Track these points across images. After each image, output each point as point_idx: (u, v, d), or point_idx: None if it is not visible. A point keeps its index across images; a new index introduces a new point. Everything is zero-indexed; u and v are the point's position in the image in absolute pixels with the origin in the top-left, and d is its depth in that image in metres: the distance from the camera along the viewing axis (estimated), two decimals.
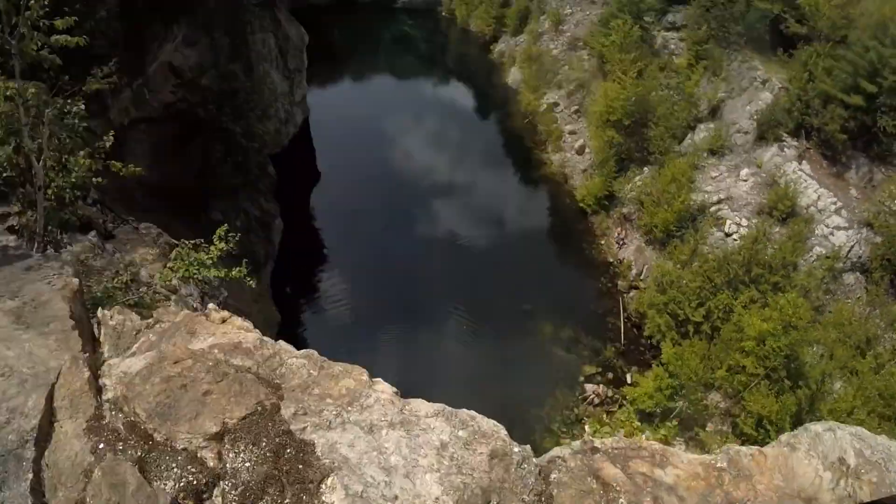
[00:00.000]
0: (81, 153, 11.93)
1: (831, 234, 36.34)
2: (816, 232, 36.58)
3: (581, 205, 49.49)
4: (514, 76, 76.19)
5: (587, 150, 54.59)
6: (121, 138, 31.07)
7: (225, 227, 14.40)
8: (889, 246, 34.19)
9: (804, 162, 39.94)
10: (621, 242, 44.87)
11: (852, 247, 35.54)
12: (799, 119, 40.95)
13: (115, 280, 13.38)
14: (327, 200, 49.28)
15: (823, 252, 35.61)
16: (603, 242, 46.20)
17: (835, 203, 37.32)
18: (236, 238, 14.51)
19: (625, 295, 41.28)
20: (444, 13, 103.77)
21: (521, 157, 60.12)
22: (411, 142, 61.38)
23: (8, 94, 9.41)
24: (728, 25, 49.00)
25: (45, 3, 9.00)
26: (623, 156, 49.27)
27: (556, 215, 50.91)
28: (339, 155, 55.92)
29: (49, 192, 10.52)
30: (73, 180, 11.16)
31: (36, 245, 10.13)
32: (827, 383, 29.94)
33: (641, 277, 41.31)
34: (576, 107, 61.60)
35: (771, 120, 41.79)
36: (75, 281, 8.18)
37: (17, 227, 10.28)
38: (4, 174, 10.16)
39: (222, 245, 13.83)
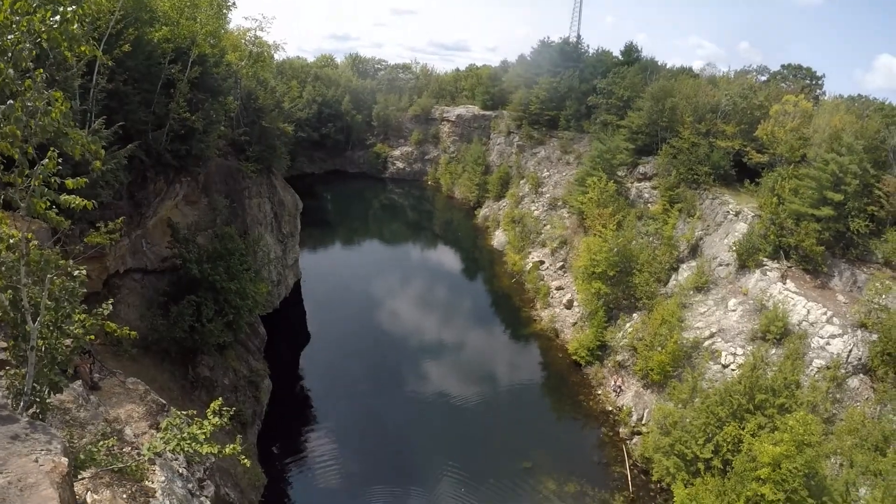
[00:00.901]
0: (78, 310, 11.85)
1: (827, 343, 36.10)
2: (812, 345, 36.38)
3: (574, 357, 49.25)
4: (498, 238, 79.06)
5: (575, 303, 55.36)
6: (115, 286, 31.51)
7: (220, 401, 13.93)
8: (886, 340, 33.79)
9: (788, 281, 40.72)
10: (618, 390, 44.05)
11: (850, 351, 35.16)
12: (776, 242, 42.54)
13: (99, 444, 12.79)
14: (317, 361, 48.81)
15: (823, 363, 35.25)
16: (600, 392, 45.33)
17: (825, 313, 37.43)
18: (231, 412, 14.09)
19: (628, 442, 39.88)
20: (429, 182, 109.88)
21: (510, 315, 60.67)
22: (400, 304, 62.14)
23: (12, 242, 9.32)
24: (695, 168, 52.47)
25: (59, 159, 8.98)
26: (611, 305, 50.02)
27: (550, 370, 50.30)
28: (330, 316, 56.36)
29: (41, 348, 10.18)
30: (68, 342, 10.87)
31: (22, 404, 9.76)
32: (852, 492, 28.26)
33: (643, 422, 40.14)
34: (560, 263, 63.40)
35: (749, 248, 43.28)
36: (64, 462, 7.69)
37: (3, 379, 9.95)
38: None
39: (216, 420, 13.30)
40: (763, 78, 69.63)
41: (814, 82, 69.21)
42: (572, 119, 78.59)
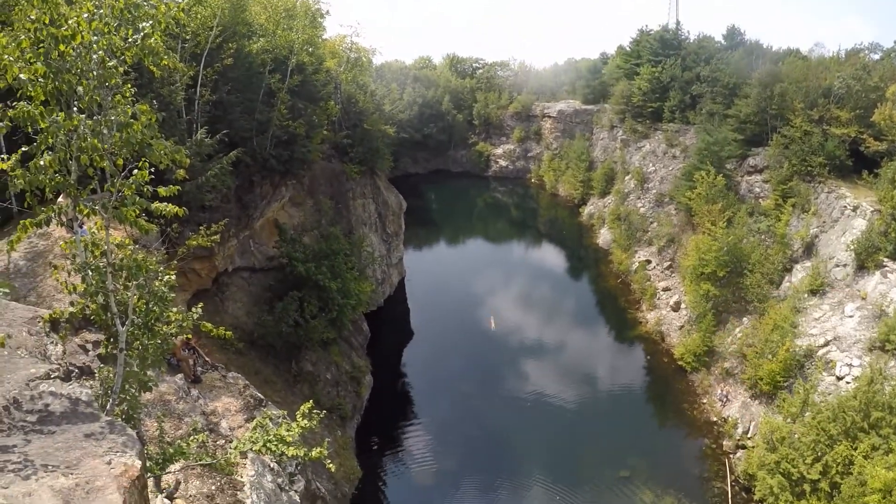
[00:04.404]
0: (174, 310, 12.46)
1: None
2: None
3: (680, 363, 46.90)
4: (604, 237, 76.94)
5: (682, 305, 52.82)
6: (224, 283, 33.59)
7: (310, 403, 14.28)
8: None
9: None
10: (724, 399, 41.46)
11: None
12: None
13: (191, 438, 13.40)
14: (419, 358, 49.65)
15: None
16: (705, 401, 42.88)
17: None
18: (320, 415, 14.34)
19: (731, 456, 37.45)
20: (532, 179, 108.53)
21: (614, 316, 58.86)
22: (503, 302, 61.71)
23: (105, 248, 9.76)
24: (809, 159, 48.20)
25: (152, 168, 9.28)
26: (720, 308, 47.14)
27: (654, 374, 48.32)
28: (433, 314, 57.20)
29: (133, 351, 10.67)
30: (158, 343, 11.25)
31: (110, 403, 10.25)
32: None
33: (749, 436, 37.53)
34: (668, 262, 60.75)
35: (868, 247, 38.97)
36: (137, 465, 7.60)
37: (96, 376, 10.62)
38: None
39: (305, 423, 13.55)
40: (876, 56, 63.10)
41: None
42: (676, 110, 74.77)
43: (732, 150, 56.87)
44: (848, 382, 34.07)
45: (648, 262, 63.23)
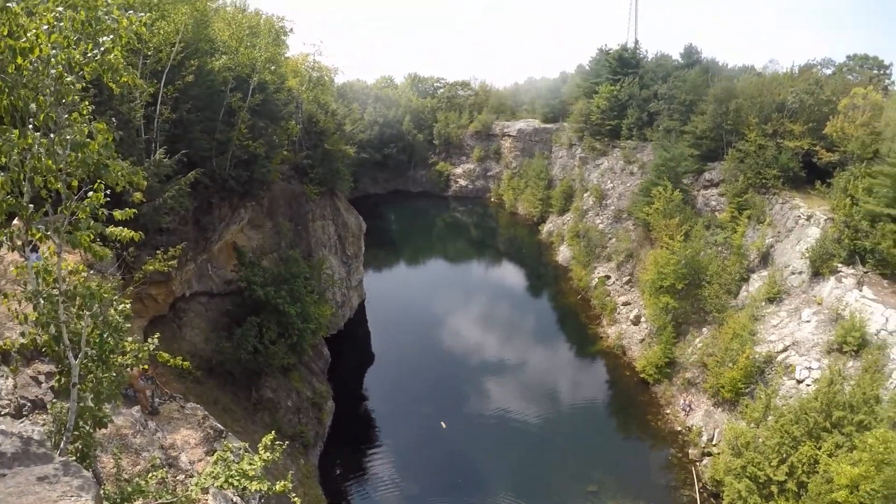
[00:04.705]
0: (130, 339, 11.87)
1: None
2: (892, 356, 33.28)
3: (642, 375, 47.51)
4: (563, 254, 77.66)
5: (643, 319, 53.55)
6: (181, 309, 32.50)
7: (272, 435, 13.85)
8: None
9: (864, 288, 37.72)
10: (688, 409, 42.10)
11: None
12: (850, 246, 39.56)
13: (150, 475, 12.74)
14: (381, 381, 48.99)
15: None
16: (669, 411, 43.44)
17: None
18: (283, 446, 13.92)
19: (698, 464, 37.97)
20: (492, 199, 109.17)
21: (576, 332, 59.28)
22: (465, 322, 61.72)
23: (58, 275, 9.22)
24: (763, 171, 49.78)
25: (107, 192, 8.85)
26: (680, 320, 48.02)
27: (617, 388, 48.75)
28: (394, 336, 56.51)
29: (86, 385, 10.10)
30: (114, 376, 10.67)
31: (63, 442, 9.70)
32: None
33: (714, 443, 38.15)
34: (627, 277, 61.62)
35: (823, 254, 40.43)
36: None
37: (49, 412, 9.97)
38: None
39: (267, 455, 13.06)
40: (828, 71, 65.87)
41: (882, 72, 64.93)
42: (634, 127, 76.43)
43: (689, 165, 58.29)
44: (808, 385, 34.98)
45: (608, 277, 64.00)
